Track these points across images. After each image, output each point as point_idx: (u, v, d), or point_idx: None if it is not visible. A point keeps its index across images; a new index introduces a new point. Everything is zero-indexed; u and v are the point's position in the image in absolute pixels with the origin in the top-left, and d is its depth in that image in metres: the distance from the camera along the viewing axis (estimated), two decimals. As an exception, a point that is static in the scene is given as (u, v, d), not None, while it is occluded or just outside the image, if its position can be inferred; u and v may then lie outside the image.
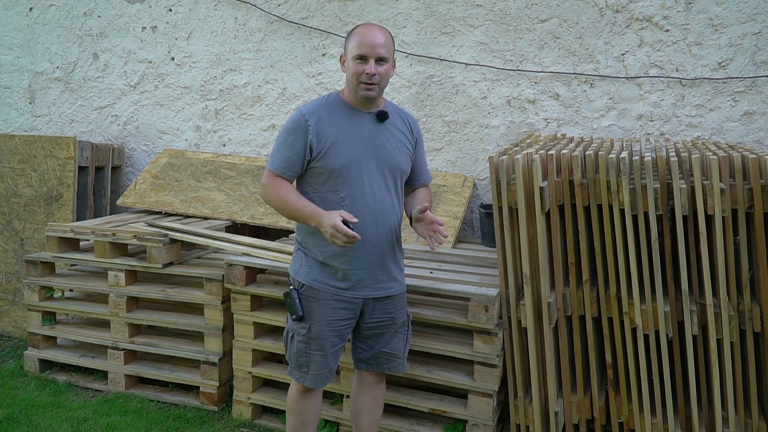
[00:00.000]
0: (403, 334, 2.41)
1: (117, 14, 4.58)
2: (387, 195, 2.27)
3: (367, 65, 2.14)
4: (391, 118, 2.30)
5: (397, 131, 2.31)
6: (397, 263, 2.36)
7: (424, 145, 2.59)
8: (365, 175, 2.21)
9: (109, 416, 3.09)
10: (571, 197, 2.56)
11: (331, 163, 2.19)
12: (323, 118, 2.20)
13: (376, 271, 2.27)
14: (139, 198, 4.02)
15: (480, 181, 3.81)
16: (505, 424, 2.95)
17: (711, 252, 2.43)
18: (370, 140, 2.24)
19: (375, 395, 2.46)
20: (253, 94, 4.28)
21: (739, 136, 3.35)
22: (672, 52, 3.43)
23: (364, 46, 2.14)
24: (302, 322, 2.25)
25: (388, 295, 2.32)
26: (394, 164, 2.28)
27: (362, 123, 2.24)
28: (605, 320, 2.60)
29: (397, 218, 2.33)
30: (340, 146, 2.19)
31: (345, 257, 2.22)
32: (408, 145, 2.34)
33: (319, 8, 4.06)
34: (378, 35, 2.16)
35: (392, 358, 2.38)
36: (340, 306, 2.25)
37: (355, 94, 2.21)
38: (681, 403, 2.59)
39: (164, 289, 3.32)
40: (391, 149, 2.28)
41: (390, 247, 2.30)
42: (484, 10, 3.73)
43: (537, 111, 3.68)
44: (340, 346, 2.32)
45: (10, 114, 4.95)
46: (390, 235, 2.29)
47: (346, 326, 2.30)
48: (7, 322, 4.11)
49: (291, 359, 2.32)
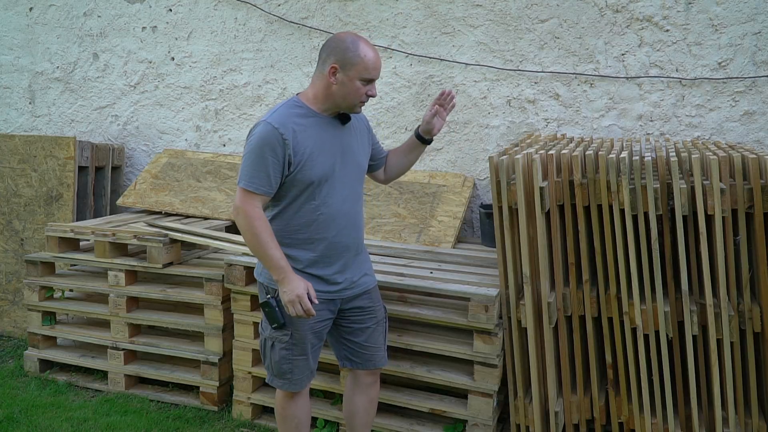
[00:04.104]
0: (383, 326, 2.44)
1: (117, 14, 4.58)
2: (357, 198, 2.31)
3: (371, 87, 2.17)
4: (350, 118, 2.30)
5: (357, 130, 2.34)
6: (367, 259, 2.42)
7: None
8: (338, 181, 2.21)
9: (109, 416, 3.09)
10: (571, 197, 2.56)
11: (308, 176, 2.13)
12: (297, 130, 2.12)
13: (354, 272, 2.31)
14: (139, 198, 4.02)
15: (480, 181, 3.81)
16: (505, 424, 2.95)
17: (711, 252, 2.43)
18: (340, 145, 2.23)
19: (371, 395, 2.46)
20: (253, 94, 4.28)
21: (739, 136, 3.35)
22: (672, 52, 3.43)
23: (376, 71, 2.15)
24: (283, 329, 2.22)
25: (364, 290, 2.35)
26: (360, 165, 2.32)
27: (330, 129, 2.22)
28: (605, 320, 2.60)
29: (363, 217, 2.39)
30: (316, 157, 2.15)
31: (324, 263, 2.23)
32: (366, 141, 2.39)
33: (319, 8, 4.06)
34: (378, 58, 2.17)
35: (375, 352, 2.40)
36: (320, 308, 2.23)
37: (347, 108, 2.20)
38: (681, 403, 2.59)
39: (164, 289, 3.32)
40: (357, 150, 2.31)
41: (361, 246, 2.36)
42: (484, 10, 3.73)
43: (537, 111, 3.68)
44: (318, 346, 2.33)
45: (10, 114, 4.95)
46: (361, 235, 2.35)
47: (325, 327, 2.32)
48: (7, 322, 4.11)
49: (272, 367, 2.29)
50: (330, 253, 2.22)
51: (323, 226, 2.19)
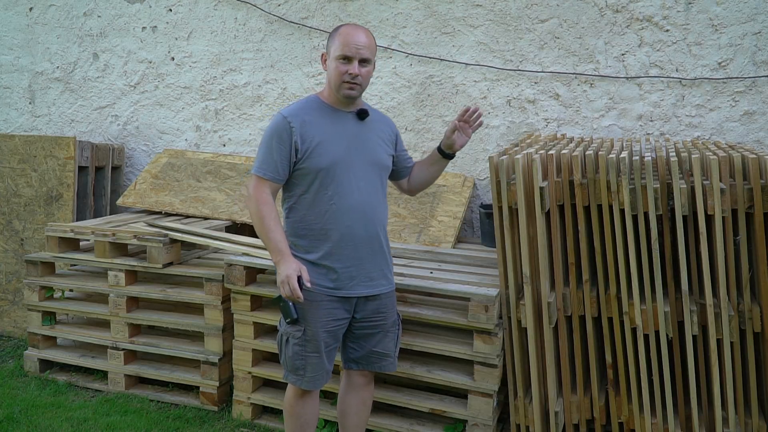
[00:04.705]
0: (394, 333, 2.42)
1: (117, 14, 4.58)
2: (374, 191, 2.30)
3: (351, 66, 2.18)
4: (371, 116, 2.35)
5: (378, 129, 2.36)
6: (387, 260, 2.38)
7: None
8: (351, 172, 2.24)
9: (109, 416, 3.09)
10: (571, 197, 2.56)
11: (316, 163, 2.20)
12: (306, 120, 2.22)
13: (367, 267, 2.29)
14: (139, 198, 4.02)
15: (480, 181, 3.81)
16: (505, 424, 2.95)
17: (711, 252, 2.43)
18: (353, 138, 2.27)
19: (363, 396, 2.46)
20: (253, 94, 4.28)
21: (739, 136, 3.35)
22: (672, 52, 3.43)
23: (349, 47, 2.17)
24: (297, 325, 2.25)
25: (378, 294, 2.33)
26: (377, 160, 2.32)
27: (345, 122, 2.28)
28: (605, 320, 2.60)
29: (385, 214, 2.38)
30: (325, 146, 2.21)
31: (338, 255, 2.24)
32: (389, 141, 2.39)
33: (319, 8, 4.06)
34: (362, 36, 2.18)
35: (383, 358, 2.39)
36: (334, 306, 2.26)
37: (337, 92, 2.24)
38: (681, 403, 2.59)
39: (164, 289, 3.32)
40: (374, 146, 2.32)
41: (379, 243, 2.32)
42: (484, 10, 3.73)
43: (537, 111, 3.68)
44: (334, 346, 2.32)
45: (10, 114, 4.95)
46: (379, 230, 2.32)
47: (340, 326, 2.31)
48: (7, 322, 4.11)
49: (286, 363, 2.31)
50: (343, 245, 2.23)
51: (336, 217, 2.22)
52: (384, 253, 2.35)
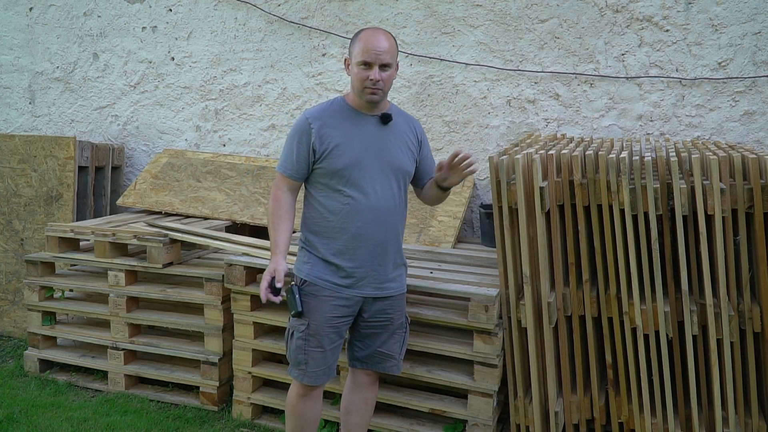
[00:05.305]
0: (400, 336, 2.42)
1: (117, 14, 4.58)
2: (390, 195, 2.30)
3: (372, 71, 2.18)
4: (395, 120, 2.34)
5: (401, 133, 2.35)
6: (398, 264, 2.38)
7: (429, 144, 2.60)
8: (368, 175, 2.25)
9: (109, 416, 3.09)
10: (571, 197, 2.56)
11: (334, 164, 2.23)
12: (327, 122, 2.26)
13: (378, 270, 2.30)
14: (139, 198, 4.02)
15: (480, 181, 3.81)
16: (505, 424, 2.95)
17: (711, 252, 2.43)
18: (374, 142, 2.28)
19: (366, 396, 2.47)
20: (253, 94, 4.28)
21: (739, 136, 3.35)
22: (672, 52, 3.43)
23: (369, 53, 2.17)
24: (301, 318, 2.28)
25: (387, 296, 2.33)
26: (397, 165, 2.31)
27: (366, 125, 2.29)
28: (605, 320, 2.60)
29: (401, 219, 2.37)
30: (344, 148, 2.24)
31: (349, 254, 2.27)
32: (412, 147, 2.38)
33: (319, 8, 4.06)
34: (382, 41, 2.19)
35: (387, 359, 2.40)
36: (340, 303, 2.27)
37: (360, 97, 2.26)
38: (681, 403, 2.59)
39: (164, 289, 3.32)
40: (395, 151, 2.31)
41: (392, 247, 2.33)
42: (484, 10, 3.73)
43: (537, 111, 3.68)
44: (338, 343, 2.33)
45: (10, 114, 4.95)
46: (393, 234, 2.32)
47: (344, 323, 2.32)
48: (7, 322, 4.11)
49: (290, 357, 2.33)
50: (354, 245, 2.26)
51: (350, 217, 2.25)
52: (397, 256, 2.36)
